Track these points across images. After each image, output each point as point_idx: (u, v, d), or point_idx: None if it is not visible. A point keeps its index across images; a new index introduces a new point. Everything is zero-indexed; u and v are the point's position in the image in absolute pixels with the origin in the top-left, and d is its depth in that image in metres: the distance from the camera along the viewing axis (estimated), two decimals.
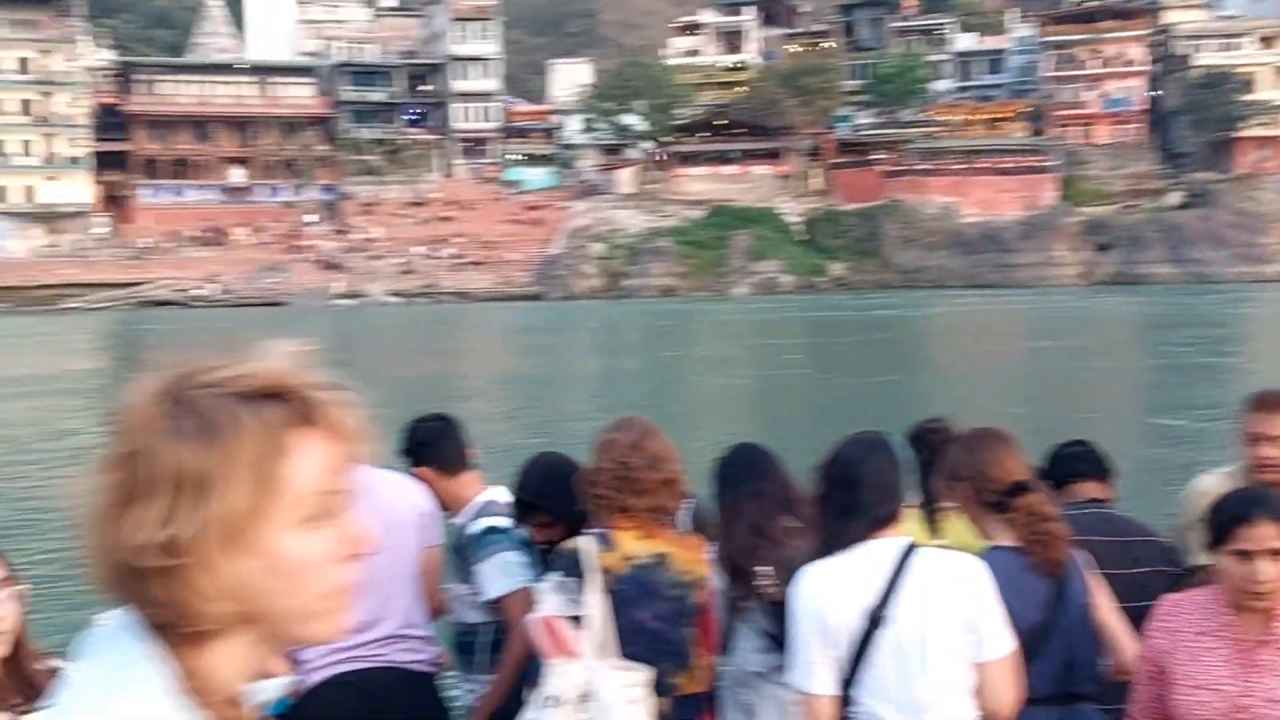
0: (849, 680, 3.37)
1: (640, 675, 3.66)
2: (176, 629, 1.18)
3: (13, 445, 23.33)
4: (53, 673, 2.86)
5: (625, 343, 48.51)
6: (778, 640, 3.84)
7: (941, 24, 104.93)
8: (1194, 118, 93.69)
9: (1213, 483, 4.52)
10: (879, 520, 3.39)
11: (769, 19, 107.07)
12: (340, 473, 1.22)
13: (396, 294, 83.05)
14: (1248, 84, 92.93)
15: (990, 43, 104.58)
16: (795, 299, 77.61)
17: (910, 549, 3.39)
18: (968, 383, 29.05)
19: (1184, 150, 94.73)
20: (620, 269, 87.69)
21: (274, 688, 1.31)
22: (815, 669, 3.37)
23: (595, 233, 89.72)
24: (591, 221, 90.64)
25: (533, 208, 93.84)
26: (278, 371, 1.22)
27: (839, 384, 30.01)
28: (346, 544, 1.22)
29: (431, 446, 4.65)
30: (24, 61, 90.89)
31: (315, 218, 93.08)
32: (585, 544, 3.81)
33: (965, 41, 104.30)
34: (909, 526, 3.60)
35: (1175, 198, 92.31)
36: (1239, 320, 52.85)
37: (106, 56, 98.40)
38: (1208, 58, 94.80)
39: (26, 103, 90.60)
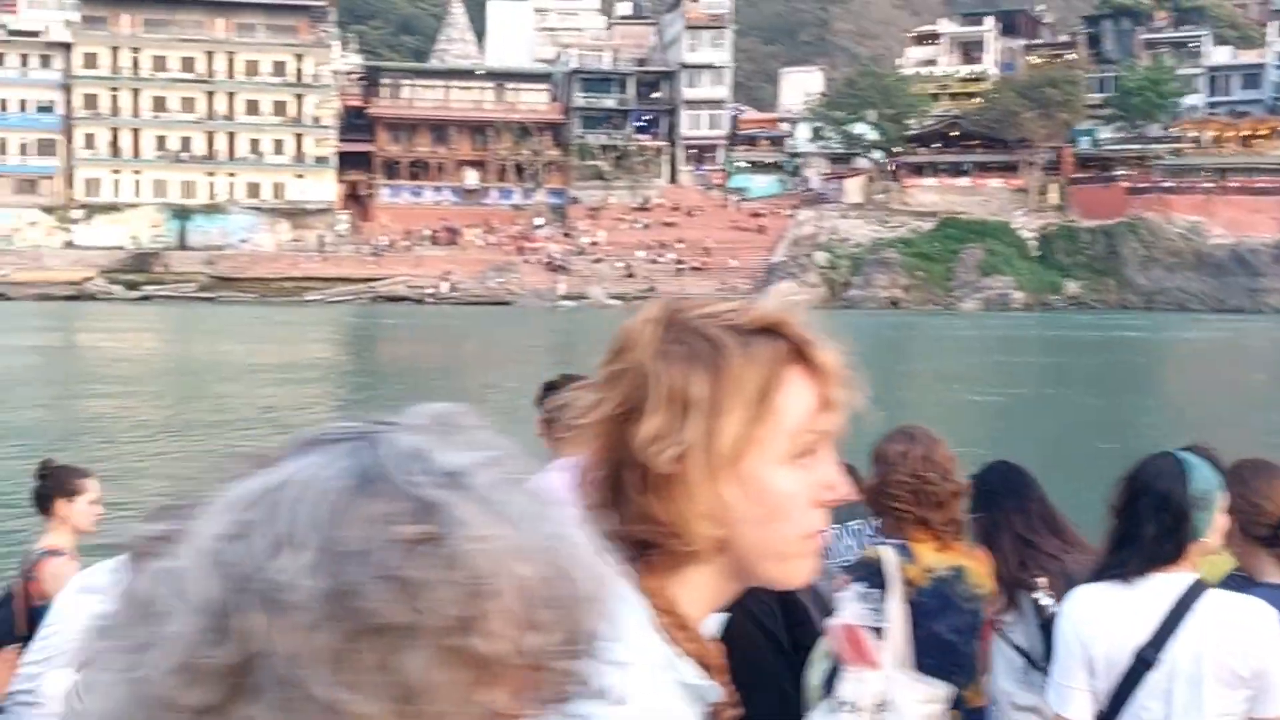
0: (1108, 715, 3.16)
1: (941, 691, 3.61)
2: (656, 550, 1.20)
3: (262, 428, 24.54)
4: None
5: (851, 354, 47.89)
6: (1033, 660, 3.75)
7: (1194, 36, 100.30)
8: None
9: None
10: (1160, 556, 3.14)
11: (1008, 29, 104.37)
12: (825, 414, 1.23)
13: (617, 297, 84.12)
14: None
15: (1247, 56, 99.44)
16: (1029, 317, 75.32)
17: (1195, 588, 3.13)
18: (1223, 411, 27.54)
19: None
20: (844, 279, 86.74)
21: (714, 624, 1.31)
22: (1073, 695, 3.21)
23: (820, 242, 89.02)
24: (816, 230, 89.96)
25: (757, 215, 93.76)
26: (773, 309, 1.24)
27: (1085, 406, 28.88)
28: (823, 488, 1.22)
29: None
30: (279, 65, 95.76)
31: (543, 220, 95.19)
32: (887, 555, 3.80)
33: (1220, 55, 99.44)
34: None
35: None
36: None
37: (354, 61, 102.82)
38: None
39: (280, 104, 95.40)
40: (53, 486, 5.47)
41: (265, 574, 0.66)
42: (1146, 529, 3.18)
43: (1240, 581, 3.53)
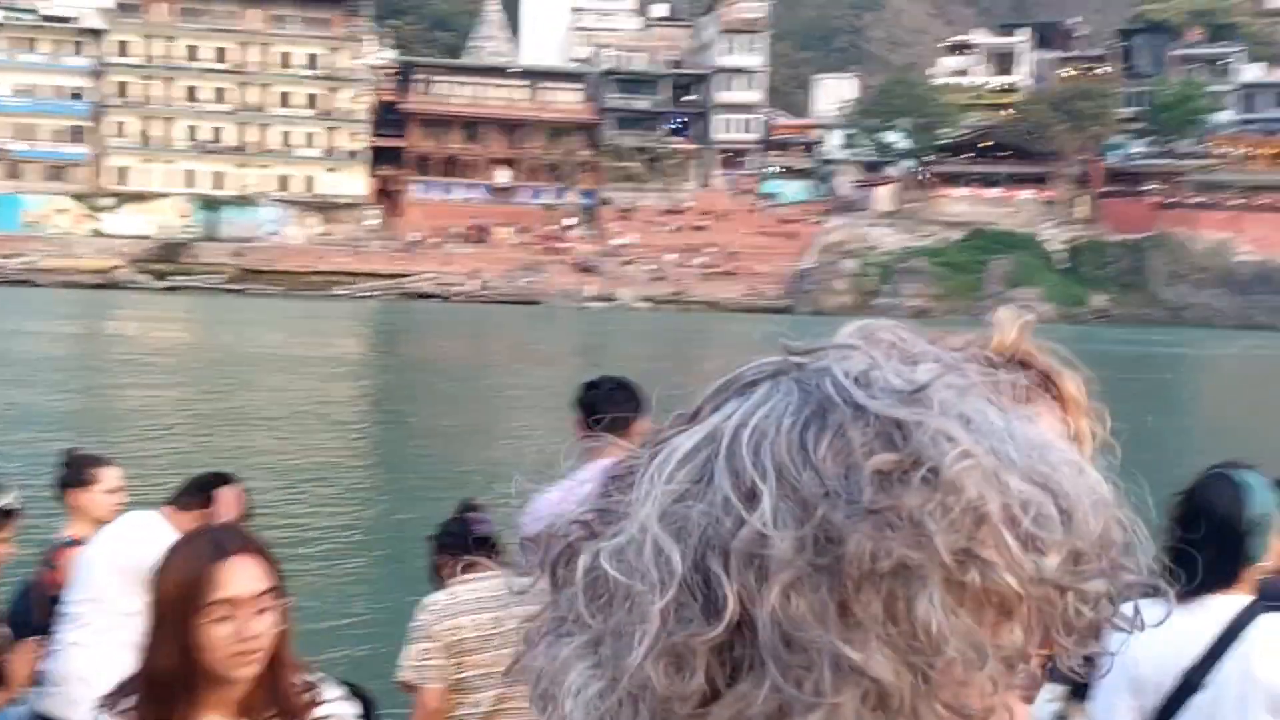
0: None
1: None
2: None
3: (285, 421, 24.54)
4: (309, 687, 2.70)
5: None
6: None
7: (1227, 54, 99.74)
8: None
9: None
10: (1214, 581, 3.02)
11: (1042, 41, 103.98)
12: (1074, 444, 1.12)
13: (646, 300, 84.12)
14: None
15: (1278, 75, 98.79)
16: (1056, 329, 74.89)
17: (1249, 611, 3.03)
18: (1258, 428, 27.22)
19: None
20: (872, 287, 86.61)
21: None
22: (1116, 714, 3.15)
23: (849, 249, 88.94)
24: (846, 237, 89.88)
25: (787, 221, 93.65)
26: (1015, 340, 1.18)
27: (1120, 419, 28.57)
28: None
29: None
30: (313, 58, 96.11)
31: (574, 221, 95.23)
32: None
33: (1252, 72, 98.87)
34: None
35: None
36: None
37: (388, 56, 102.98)
38: None
39: (313, 97, 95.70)
40: (70, 475, 5.45)
41: (739, 531, 0.59)
42: (1203, 552, 3.11)
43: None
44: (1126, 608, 0.61)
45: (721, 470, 0.61)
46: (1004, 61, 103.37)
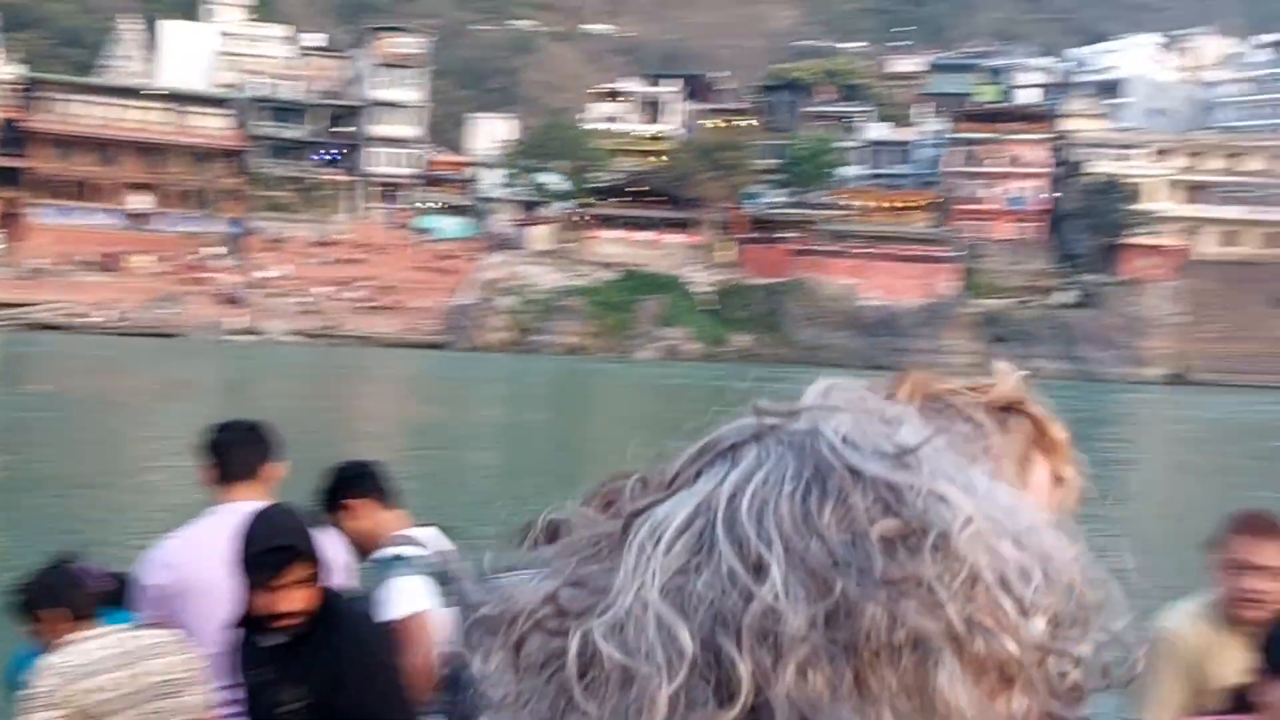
0: None
1: None
2: None
3: None
4: None
5: (532, 396, 48.17)
6: None
7: (855, 112, 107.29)
8: (1088, 222, 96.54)
9: (1181, 619, 4.16)
10: None
11: (692, 94, 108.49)
12: (1057, 491, 1.22)
13: (297, 333, 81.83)
14: (1136, 194, 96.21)
15: (902, 134, 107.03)
16: (699, 367, 77.98)
17: None
18: None
19: (1078, 252, 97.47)
20: (529, 324, 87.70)
21: None
22: None
23: (506, 286, 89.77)
24: (503, 274, 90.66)
25: (445, 256, 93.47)
26: (1013, 388, 1.22)
27: None
28: None
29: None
30: None
31: (219, 250, 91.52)
32: None
33: (877, 130, 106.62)
34: None
35: (1067, 296, 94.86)
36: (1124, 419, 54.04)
37: (12, 70, 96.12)
38: (1102, 165, 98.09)
39: None
40: None
41: (748, 606, 0.56)
42: None
43: None
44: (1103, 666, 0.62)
45: (723, 540, 0.58)
46: (654, 110, 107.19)
